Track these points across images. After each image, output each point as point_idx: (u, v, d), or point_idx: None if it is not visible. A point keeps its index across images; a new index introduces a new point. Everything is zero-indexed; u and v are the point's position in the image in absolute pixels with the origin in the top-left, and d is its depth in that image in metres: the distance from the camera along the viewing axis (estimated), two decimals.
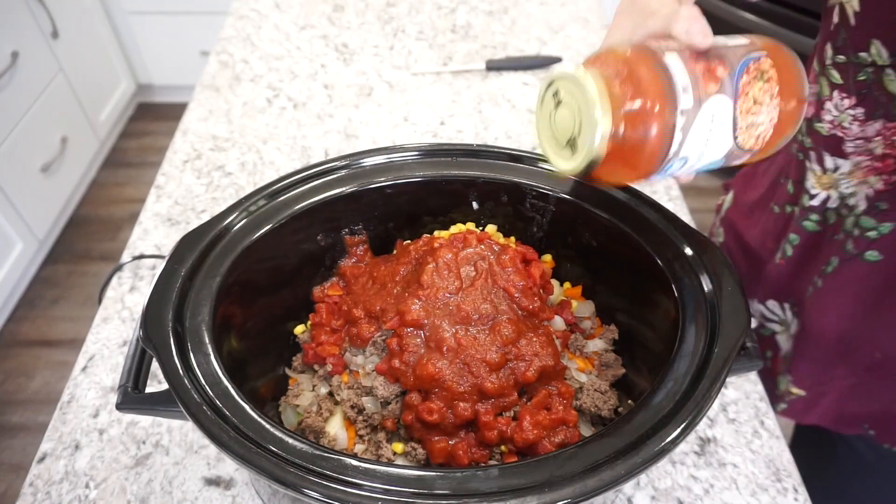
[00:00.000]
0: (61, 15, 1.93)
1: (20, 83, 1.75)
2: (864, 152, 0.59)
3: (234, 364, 0.44)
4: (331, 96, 1.01)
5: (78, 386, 0.63)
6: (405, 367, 0.45)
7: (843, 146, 0.60)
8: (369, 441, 0.48)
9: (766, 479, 0.57)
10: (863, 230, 0.62)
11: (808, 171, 0.65)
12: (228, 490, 0.55)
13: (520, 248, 0.53)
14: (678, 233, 0.48)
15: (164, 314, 0.41)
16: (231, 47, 1.13)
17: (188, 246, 0.46)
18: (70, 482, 0.55)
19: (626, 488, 0.56)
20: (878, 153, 0.58)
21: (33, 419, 1.58)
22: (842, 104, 0.58)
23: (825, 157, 0.62)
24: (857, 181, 0.60)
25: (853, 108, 0.57)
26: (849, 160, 0.60)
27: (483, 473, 0.34)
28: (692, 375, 0.39)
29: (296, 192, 0.51)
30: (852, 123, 0.58)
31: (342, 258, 0.56)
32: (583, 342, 0.52)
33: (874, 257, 0.62)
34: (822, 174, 0.63)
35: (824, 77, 0.60)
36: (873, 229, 0.61)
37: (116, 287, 0.72)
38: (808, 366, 0.72)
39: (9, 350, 1.73)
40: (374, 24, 1.19)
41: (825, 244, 0.66)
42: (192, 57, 2.29)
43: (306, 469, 0.34)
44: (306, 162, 0.89)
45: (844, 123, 0.59)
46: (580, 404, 0.48)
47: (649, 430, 0.36)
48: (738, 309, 0.42)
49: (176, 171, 0.87)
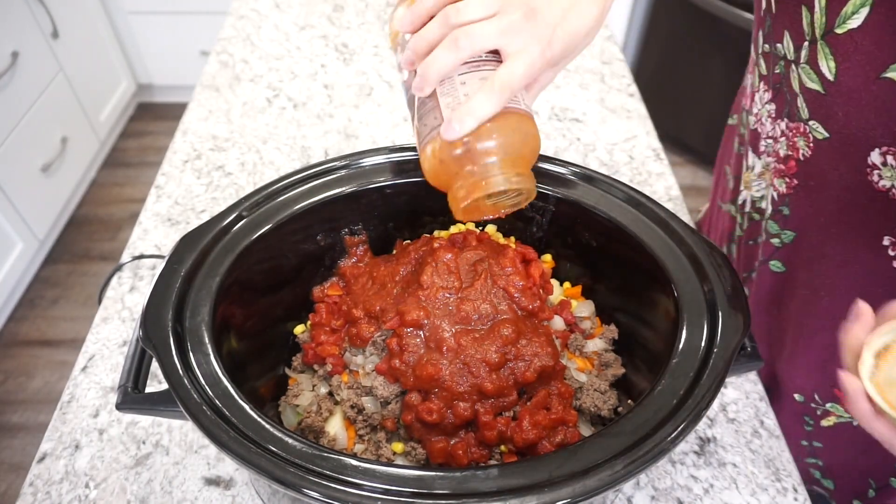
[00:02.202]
0: (61, 15, 1.94)
1: (20, 83, 1.75)
2: (772, 153, 0.56)
3: (234, 364, 0.44)
4: (331, 96, 1.01)
5: (78, 386, 0.63)
6: (405, 367, 0.45)
7: (759, 143, 0.58)
8: (369, 441, 0.48)
9: (766, 478, 0.57)
10: (769, 235, 0.59)
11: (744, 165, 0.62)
12: (228, 490, 0.55)
13: (520, 248, 0.53)
14: (678, 233, 0.48)
15: (164, 314, 0.41)
16: (231, 47, 1.13)
17: (188, 246, 0.46)
18: (70, 482, 0.55)
19: (626, 488, 0.56)
20: (782, 154, 0.55)
21: (33, 419, 1.58)
22: (763, 97, 0.56)
23: (749, 153, 0.60)
24: (766, 184, 0.58)
25: (769, 104, 0.55)
26: (760, 159, 0.58)
27: (483, 473, 0.34)
28: (692, 375, 0.39)
29: (296, 192, 0.51)
30: (767, 119, 0.56)
31: (342, 258, 0.56)
32: (582, 342, 0.52)
33: (778, 268, 0.59)
34: (746, 171, 0.61)
35: (756, 67, 0.57)
36: (776, 236, 0.58)
37: (116, 287, 0.72)
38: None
39: (9, 350, 1.73)
40: (374, 24, 1.19)
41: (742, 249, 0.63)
42: (192, 57, 2.29)
43: (306, 469, 0.34)
44: (306, 162, 0.89)
45: (763, 118, 0.56)
46: (580, 404, 0.48)
47: (649, 430, 0.36)
48: (738, 309, 0.42)
49: (176, 171, 0.87)
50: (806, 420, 0.62)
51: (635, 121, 0.98)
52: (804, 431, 0.63)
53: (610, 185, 0.52)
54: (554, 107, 1.00)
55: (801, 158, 0.53)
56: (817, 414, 0.61)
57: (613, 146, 0.93)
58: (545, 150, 0.91)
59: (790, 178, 0.55)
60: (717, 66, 2.01)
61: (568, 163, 0.54)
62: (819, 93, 0.49)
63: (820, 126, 0.50)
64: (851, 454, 0.61)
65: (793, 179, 0.55)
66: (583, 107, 1.00)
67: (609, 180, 0.52)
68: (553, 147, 0.93)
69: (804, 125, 0.52)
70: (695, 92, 2.15)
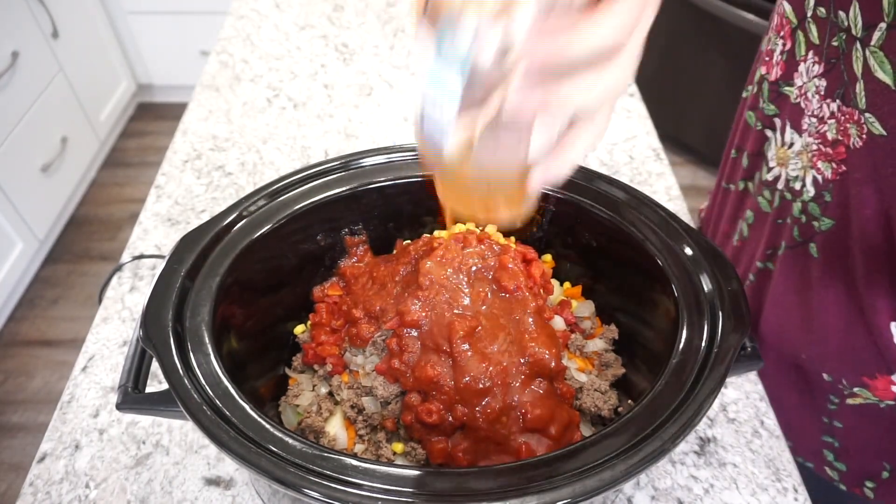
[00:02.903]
0: (61, 15, 1.94)
1: (20, 83, 1.75)
2: (815, 133, 0.51)
3: (234, 364, 0.44)
4: (331, 96, 1.01)
5: (78, 386, 0.63)
6: (405, 368, 0.45)
7: (802, 120, 0.52)
8: (369, 441, 0.48)
9: (766, 478, 0.57)
10: (810, 217, 0.54)
11: (769, 141, 0.58)
12: (228, 490, 0.55)
13: (520, 248, 0.53)
14: (678, 233, 0.48)
15: (164, 314, 0.41)
16: (231, 47, 1.13)
17: (188, 246, 0.46)
18: (70, 482, 0.55)
19: (626, 488, 0.56)
20: (829, 138, 0.50)
21: (33, 419, 1.58)
22: (812, 70, 0.50)
23: (787, 128, 0.54)
24: (803, 164, 0.53)
25: (819, 78, 0.49)
26: (801, 138, 0.53)
27: (483, 473, 0.34)
28: (692, 375, 0.39)
29: (296, 192, 0.51)
30: (814, 96, 0.50)
31: (342, 258, 0.56)
32: (583, 342, 0.52)
33: (814, 251, 0.54)
34: (781, 147, 0.55)
35: (802, 32, 0.51)
36: (817, 219, 0.53)
37: (116, 287, 0.72)
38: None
39: (9, 350, 1.73)
40: (374, 24, 1.19)
41: (771, 226, 0.60)
42: (192, 57, 2.29)
43: (306, 469, 0.34)
44: (306, 162, 0.89)
45: (809, 93, 0.50)
46: (580, 404, 0.48)
47: (649, 431, 0.36)
48: (738, 309, 0.42)
49: (176, 171, 0.87)
50: (831, 399, 0.60)
51: (635, 121, 0.98)
52: (827, 409, 0.61)
53: (610, 185, 0.52)
54: None
55: (852, 147, 0.48)
56: (844, 394, 0.59)
57: (613, 146, 0.93)
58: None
59: (838, 163, 0.50)
60: (717, 66, 2.01)
61: None
62: (888, 87, 0.42)
63: (877, 122, 0.44)
64: (872, 435, 0.60)
65: (840, 165, 0.49)
66: None
67: (609, 180, 0.52)
68: None
69: (859, 114, 0.46)
70: (695, 92, 2.15)
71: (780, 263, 0.59)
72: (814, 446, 0.63)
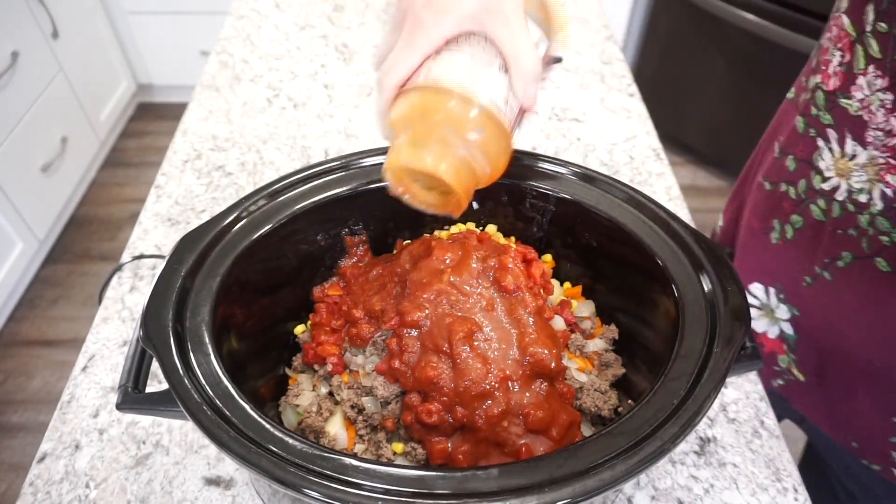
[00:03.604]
0: (61, 15, 1.94)
1: (20, 83, 1.75)
2: (882, 147, 0.51)
3: (234, 364, 0.44)
4: (331, 96, 1.01)
5: (78, 386, 0.63)
6: (405, 368, 0.45)
7: (866, 133, 0.52)
8: (369, 441, 0.48)
9: (766, 478, 0.57)
10: (878, 231, 0.54)
11: (822, 150, 0.57)
12: (228, 490, 0.55)
13: (520, 248, 0.53)
14: (678, 233, 0.48)
15: (164, 314, 0.41)
16: (231, 47, 1.13)
17: (188, 246, 0.46)
18: (70, 482, 0.55)
19: (626, 488, 0.56)
20: None
21: (33, 419, 1.58)
22: (874, 83, 0.50)
23: (847, 139, 0.54)
24: (869, 177, 0.53)
25: (884, 92, 0.49)
26: (866, 150, 0.53)
27: (483, 473, 0.34)
28: (692, 375, 0.39)
29: (296, 192, 0.51)
30: (879, 109, 0.50)
31: (342, 258, 0.56)
32: (583, 342, 0.52)
33: (884, 266, 0.55)
34: (841, 158, 0.55)
35: (861, 46, 0.51)
36: (886, 234, 0.54)
37: (116, 287, 0.72)
38: (813, 353, 0.67)
39: (9, 350, 1.73)
40: (374, 24, 1.19)
41: (827, 235, 0.60)
42: (192, 57, 2.29)
43: (306, 469, 0.34)
44: (306, 162, 0.89)
45: (872, 107, 0.51)
46: (580, 404, 0.48)
47: (650, 431, 0.36)
48: (738, 309, 0.42)
49: (176, 171, 0.87)
50: None
51: (635, 121, 0.98)
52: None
53: (610, 185, 0.52)
54: (554, 107, 1.00)
55: None
56: None
57: (613, 146, 0.93)
58: (546, 150, 0.92)
59: None
60: (717, 66, 2.01)
61: (568, 163, 0.54)
62: None
63: None
64: None
65: None
66: (583, 107, 1.00)
67: (609, 180, 0.52)
68: (553, 147, 0.93)
69: None
70: (695, 92, 2.15)
71: (846, 274, 0.59)
72: (882, 447, 0.64)
